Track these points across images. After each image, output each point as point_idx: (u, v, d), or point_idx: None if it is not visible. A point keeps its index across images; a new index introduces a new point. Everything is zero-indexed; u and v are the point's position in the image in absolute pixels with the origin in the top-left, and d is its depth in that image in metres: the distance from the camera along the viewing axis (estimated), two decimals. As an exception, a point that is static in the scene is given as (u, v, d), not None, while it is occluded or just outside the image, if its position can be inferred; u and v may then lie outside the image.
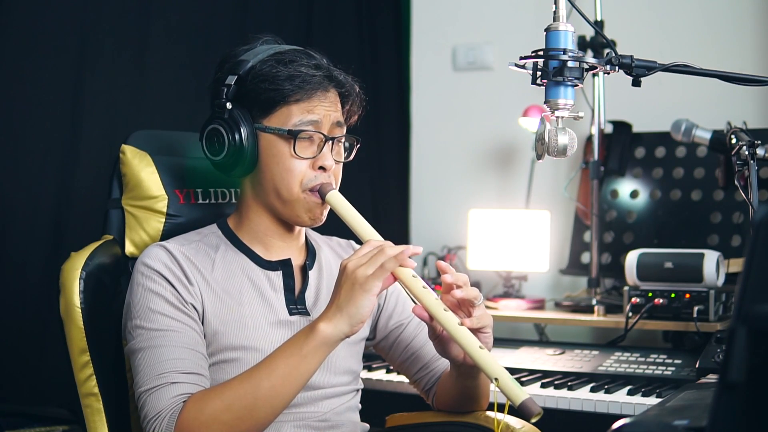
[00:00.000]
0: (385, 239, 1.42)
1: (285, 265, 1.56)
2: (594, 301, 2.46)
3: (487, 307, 1.58)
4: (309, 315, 1.54)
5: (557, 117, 1.44)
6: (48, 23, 2.24)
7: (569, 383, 2.06)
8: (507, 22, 3.03)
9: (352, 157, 1.60)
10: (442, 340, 1.46)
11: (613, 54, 1.44)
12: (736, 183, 1.89)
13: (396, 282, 1.39)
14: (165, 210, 1.65)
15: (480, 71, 3.09)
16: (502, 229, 2.67)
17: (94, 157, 2.30)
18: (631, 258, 2.26)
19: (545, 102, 1.44)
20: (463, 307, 1.42)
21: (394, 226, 3.13)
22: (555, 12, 1.43)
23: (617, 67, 1.44)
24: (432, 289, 1.40)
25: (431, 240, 3.01)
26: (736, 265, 2.28)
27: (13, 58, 2.19)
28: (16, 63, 2.20)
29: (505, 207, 2.93)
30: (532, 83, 1.43)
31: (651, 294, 2.21)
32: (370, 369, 2.28)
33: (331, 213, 1.54)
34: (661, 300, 2.19)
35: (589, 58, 1.50)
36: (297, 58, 1.51)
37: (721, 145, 2.19)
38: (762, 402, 0.83)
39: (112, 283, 1.61)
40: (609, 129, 2.68)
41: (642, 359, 2.17)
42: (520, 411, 1.26)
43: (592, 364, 2.19)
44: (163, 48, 2.51)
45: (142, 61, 2.45)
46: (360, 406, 1.64)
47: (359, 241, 1.47)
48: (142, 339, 1.43)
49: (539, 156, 1.46)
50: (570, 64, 1.39)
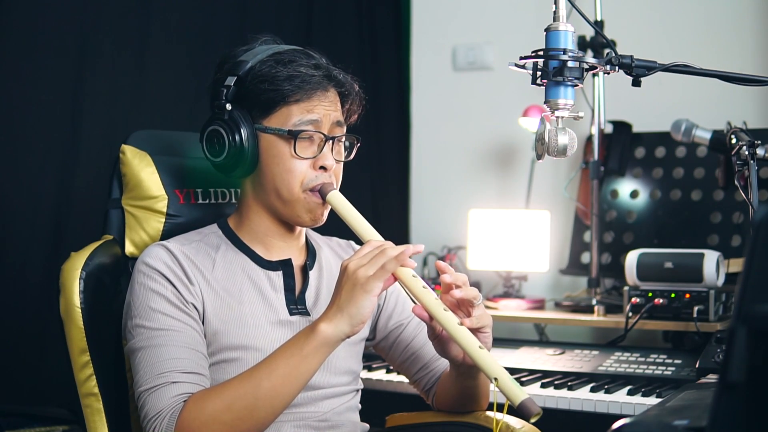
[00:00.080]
0: (385, 239, 1.42)
1: (285, 265, 1.56)
2: (594, 301, 2.46)
3: (487, 307, 1.59)
4: (309, 315, 1.54)
5: (557, 117, 1.44)
6: (48, 23, 2.24)
7: (569, 383, 2.06)
8: (507, 22, 3.03)
9: (352, 157, 1.60)
10: (441, 339, 1.46)
11: (613, 54, 1.44)
12: (736, 183, 1.89)
13: (396, 282, 1.39)
14: (165, 210, 1.65)
15: (480, 71, 3.09)
16: (502, 229, 2.67)
17: (94, 157, 2.30)
18: (631, 258, 2.26)
19: (545, 102, 1.44)
20: (463, 307, 1.42)
21: (394, 226, 3.13)
22: (555, 12, 1.43)
23: (617, 67, 1.44)
24: (432, 289, 1.40)
25: (431, 240, 3.01)
26: (736, 265, 2.28)
27: (13, 58, 2.19)
28: (16, 63, 2.20)
29: (505, 207, 2.93)
30: (532, 83, 1.44)
31: (651, 294, 2.21)
32: (370, 369, 2.28)
33: (332, 213, 1.54)
34: (661, 300, 2.19)
35: (589, 58, 1.50)
36: (296, 58, 1.51)
37: (721, 145, 2.19)
38: (762, 402, 0.83)
39: (112, 283, 1.61)
40: (609, 129, 2.68)
41: (642, 359, 2.16)
42: (519, 411, 1.26)
43: (592, 364, 2.19)
44: (163, 48, 2.51)
45: (142, 61, 2.45)
46: (360, 406, 1.64)
47: (359, 242, 1.47)
48: (142, 338, 1.43)
49: (539, 156, 1.46)
50: (570, 64, 1.40)
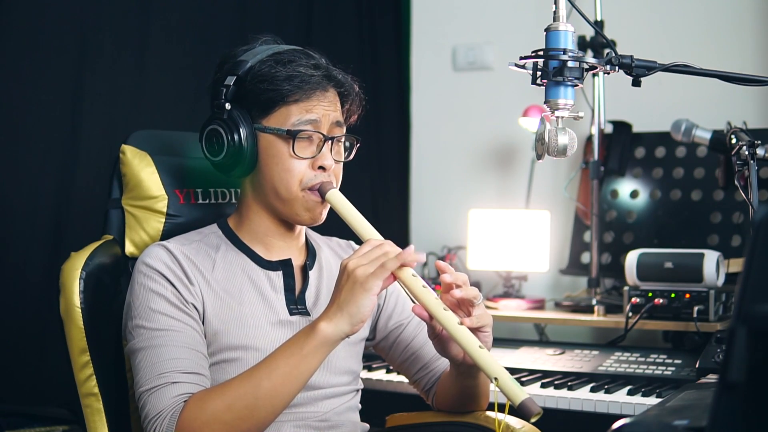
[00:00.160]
0: (385, 239, 1.42)
1: (285, 265, 1.56)
2: (594, 301, 2.46)
3: (487, 307, 1.58)
4: (309, 315, 1.54)
5: (557, 117, 1.44)
6: (48, 23, 2.24)
7: (569, 383, 2.06)
8: (507, 22, 3.03)
9: (352, 157, 1.60)
10: (441, 339, 1.46)
11: (613, 54, 1.44)
12: (736, 183, 1.89)
13: (395, 282, 1.39)
14: (165, 210, 1.65)
15: (480, 71, 3.09)
16: (502, 229, 2.67)
17: (94, 157, 2.30)
18: (631, 258, 2.26)
19: (545, 102, 1.44)
20: (463, 307, 1.42)
21: (394, 226, 3.13)
22: (555, 12, 1.43)
23: (617, 67, 1.44)
24: (432, 289, 1.40)
25: (431, 240, 3.01)
26: (736, 265, 2.28)
27: (13, 58, 2.19)
28: (16, 63, 2.20)
29: (505, 207, 2.93)
30: (532, 83, 1.44)
31: (651, 294, 2.21)
32: (370, 369, 2.28)
33: (331, 213, 1.54)
34: (661, 300, 2.19)
35: (589, 58, 1.50)
36: (296, 58, 1.51)
37: (721, 145, 2.19)
38: (762, 402, 0.83)
39: (112, 283, 1.61)
40: (609, 129, 2.68)
41: (642, 359, 2.16)
42: (519, 411, 1.26)
43: (592, 364, 2.19)
44: (163, 48, 2.51)
45: (142, 62, 2.45)
46: (360, 406, 1.64)
47: (359, 241, 1.47)
48: (142, 338, 1.42)
49: (539, 156, 1.46)
50: (570, 64, 1.39)
